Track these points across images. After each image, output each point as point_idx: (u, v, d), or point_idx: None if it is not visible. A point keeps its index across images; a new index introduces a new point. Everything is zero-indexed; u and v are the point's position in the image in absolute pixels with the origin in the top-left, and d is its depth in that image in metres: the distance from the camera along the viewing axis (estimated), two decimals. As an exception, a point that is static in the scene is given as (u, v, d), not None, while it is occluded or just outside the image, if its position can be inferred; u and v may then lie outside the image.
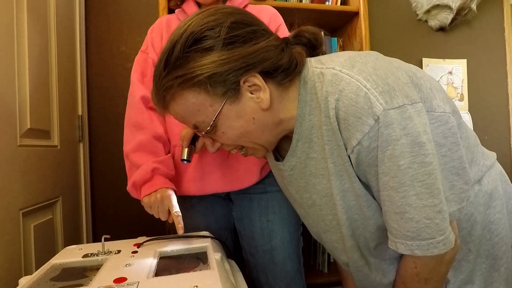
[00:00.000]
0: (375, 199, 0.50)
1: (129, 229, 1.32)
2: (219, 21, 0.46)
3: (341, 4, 1.36)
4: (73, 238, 1.15)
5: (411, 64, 0.54)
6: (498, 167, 0.60)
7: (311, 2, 1.34)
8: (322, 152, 0.50)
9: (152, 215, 0.73)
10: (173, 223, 0.69)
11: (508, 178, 0.61)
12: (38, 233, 0.91)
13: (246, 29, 0.47)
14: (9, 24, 0.81)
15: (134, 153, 0.72)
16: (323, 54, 0.56)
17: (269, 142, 0.54)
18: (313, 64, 0.51)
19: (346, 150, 0.47)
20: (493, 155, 0.61)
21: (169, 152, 0.79)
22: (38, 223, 0.92)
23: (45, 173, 0.97)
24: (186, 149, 0.67)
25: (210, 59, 0.45)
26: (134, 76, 0.78)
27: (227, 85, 0.46)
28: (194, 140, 0.68)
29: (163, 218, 0.69)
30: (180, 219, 0.65)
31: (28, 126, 0.88)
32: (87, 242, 1.23)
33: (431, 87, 0.49)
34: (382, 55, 0.52)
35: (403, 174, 0.43)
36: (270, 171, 0.79)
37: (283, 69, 0.48)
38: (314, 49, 0.55)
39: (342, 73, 0.45)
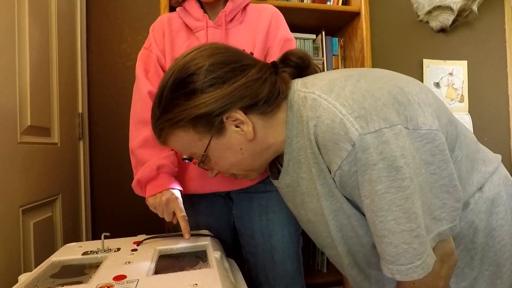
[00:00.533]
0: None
1: (129, 227, 1.32)
2: (198, 65, 0.50)
3: (342, 4, 1.35)
4: (73, 236, 1.15)
5: (402, 76, 0.53)
6: (503, 171, 0.58)
7: (312, 2, 1.34)
8: (310, 173, 0.52)
9: (153, 214, 0.73)
10: (173, 223, 0.70)
11: None
12: (38, 230, 0.91)
13: (224, 69, 0.50)
14: (10, 21, 0.81)
15: (139, 149, 0.73)
16: (315, 72, 0.58)
17: (260, 166, 0.57)
18: (299, 87, 0.52)
19: (330, 173, 0.48)
20: (497, 159, 0.59)
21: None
22: (38, 220, 0.92)
23: (45, 171, 0.97)
24: None
25: (193, 103, 0.49)
26: (139, 71, 0.78)
27: (211, 123, 0.50)
28: None
29: (167, 220, 0.69)
30: (187, 223, 0.66)
31: (28, 123, 0.88)
32: (87, 240, 1.23)
33: (419, 101, 0.48)
34: (368, 71, 0.51)
35: (380, 199, 0.43)
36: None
37: (264, 101, 0.51)
38: (303, 70, 0.58)
39: (321, 98, 0.47)
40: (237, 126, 0.51)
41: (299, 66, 0.57)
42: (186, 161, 0.66)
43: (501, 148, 1.80)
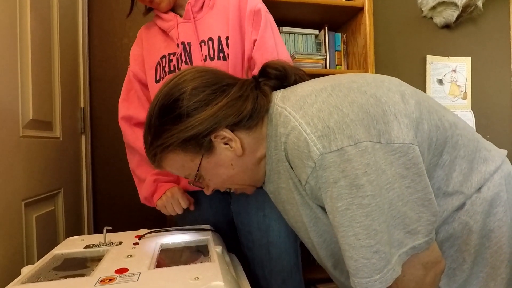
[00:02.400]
0: None
1: (131, 221, 1.33)
2: (181, 91, 0.52)
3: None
4: (75, 229, 1.16)
5: (385, 83, 0.52)
6: (506, 169, 0.56)
7: (316, -3, 1.32)
8: (288, 184, 0.54)
9: (155, 208, 0.75)
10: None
11: None
12: (40, 224, 0.91)
13: (206, 91, 0.52)
14: (12, 16, 0.81)
15: (137, 169, 0.81)
16: (296, 81, 0.58)
17: (254, 180, 0.59)
18: (277, 102, 0.54)
19: (302, 186, 0.50)
20: (501, 155, 0.58)
21: None
22: (40, 214, 0.93)
23: (47, 165, 0.98)
24: None
25: (180, 127, 0.51)
26: (120, 96, 0.85)
27: (200, 144, 0.52)
28: None
29: (179, 212, 0.75)
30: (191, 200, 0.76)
31: (31, 117, 0.88)
32: (88, 234, 1.24)
33: (395, 112, 0.48)
34: (346, 82, 0.51)
35: (341, 215, 0.45)
36: None
37: (248, 117, 0.52)
38: (284, 80, 0.58)
39: (291, 116, 0.49)
40: (225, 144, 0.53)
41: (278, 77, 0.58)
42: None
43: (503, 146, 1.77)
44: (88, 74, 1.29)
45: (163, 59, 0.79)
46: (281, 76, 0.58)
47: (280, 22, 1.35)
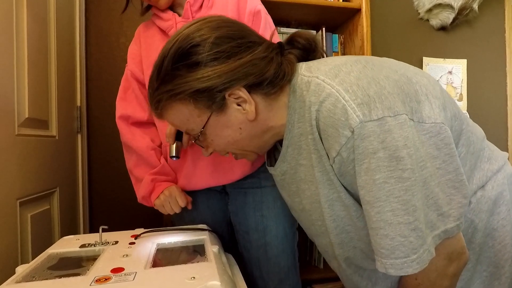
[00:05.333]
0: None
1: (127, 220, 1.33)
2: (204, 36, 0.48)
3: (343, 0, 1.35)
4: (70, 229, 1.15)
5: (410, 67, 0.52)
6: (508, 170, 0.57)
7: (314, -2, 1.33)
8: (310, 160, 0.51)
9: (151, 208, 0.74)
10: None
11: None
12: (35, 223, 0.91)
13: (230, 43, 0.48)
14: (8, 15, 0.81)
15: (135, 169, 0.81)
16: (321, 57, 0.56)
17: (258, 147, 0.56)
18: (303, 72, 0.51)
19: (329, 160, 0.47)
20: (503, 156, 0.58)
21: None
22: (35, 213, 0.92)
23: (43, 163, 0.97)
24: (174, 146, 0.70)
25: (194, 76, 0.47)
26: (118, 95, 0.84)
27: (212, 99, 0.48)
28: (180, 136, 0.69)
29: (177, 211, 0.75)
30: (189, 198, 0.77)
31: (26, 116, 0.88)
32: (84, 233, 1.23)
33: (427, 93, 0.47)
34: (376, 59, 0.50)
35: (378, 188, 0.42)
36: (264, 165, 0.79)
37: (269, 81, 0.49)
38: (310, 53, 0.56)
39: (325, 83, 0.46)
40: (238, 105, 0.49)
41: (305, 48, 0.55)
42: (174, 158, 0.70)
43: (499, 147, 1.81)
44: (85, 73, 1.29)
45: None
46: (309, 48, 0.55)
47: (278, 22, 1.35)
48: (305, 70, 0.51)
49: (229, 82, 0.47)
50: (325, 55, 0.58)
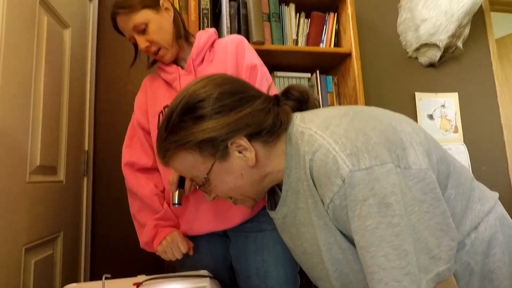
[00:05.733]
0: None
1: (128, 266, 1.31)
2: (208, 92, 0.53)
3: (334, 46, 1.44)
4: (71, 274, 1.14)
5: (396, 115, 0.55)
6: (499, 210, 0.58)
7: (306, 45, 1.43)
8: (307, 204, 0.54)
9: (153, 253, 0.76)
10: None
11: (511, 221, 0.58)
12: (38, 269, 0.91)
13: (232, 98, 0.54)
14: (28, 69, 0.88)
15: (138, 214, 0.83)
16: (314, 107, 0.62)
17: (257, 193, 0.59)
18: (297, 122, 0.56)
19: (324, 205, 0.50)
20: (493, 196, 0.59)
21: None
22: (39, 258, 0.92)
23: (50, 209, 0.99)
24: (176, 193, 0.73)
25: (200, 127, 0.52)
26: (124, 142, 0.89)
27: (216, 148, 0.53)
28: (182, 183, 0.73)
29: (178, 257, 0.76)
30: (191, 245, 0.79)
31: (38, 164, 0.92)
32: (85, 279, 1.22)
33: (411, 140, 0.49)
34: (364, 110, 0.54)
35: (370, 234, 0.44)
36: (264, 209, 0.81)
37: (267, 131, 0.54)
38: (303, 104, 0.61)
39: (317, 135, 0.50)
40: (240, 152, 0.53)
41: (299, 100, 0.60)
42: (176, 205, 0.73)
43: (500, 177, 1.81)
44: (94, 117, 1.35)
45: (166, 109, 0.85)
46: (302, 100, 0.61)
47: (275, 67, 1.44)
48: (300, 121, 0.55)
49: (231, 132, 0.52)
50: (318, 104, 0.64)
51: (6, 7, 0.77)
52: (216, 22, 1.33)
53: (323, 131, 0.50)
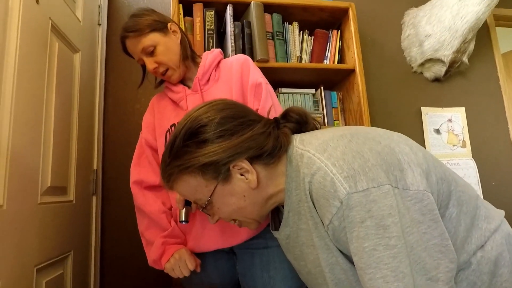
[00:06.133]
0: None
1: (137, 283, 1.32)
2: (210, 117, 0.55)
3: (338, 62, 1.46)
4: (81, 292, 1.15)
5: (394, 135, 0.55)
6: (505, 229, 0.58)
7: (310, 62, 1.45)
8: (308, 225, 0.55)
9: (161, 271, 0.77)
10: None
11: None
12: (49, 289, 0.92)
13: (233, 122, 0.56)
14: (40, 93, 0.91)
15: (146, 231, 0.84)
16: (313, 128, 0.63)
17: (260, 215, 0.60)
18: (297, 144, 0.57)
19: (324, 226, 0.51)
20: (499, 215, 0.59)
21: None
22: (50, 278, 0.93)
23: (60, 229, 1.00)
24: (183, 211, 0.75)
25: (203, 151, 0.54)
26: (132, 161, 0.91)
27: (218, 171, 0.54)
28: (189, 201, 0.74)
29: (186, 274, 0.77)
30: (198, 261, 0.80)
31: (49, 184, 0.94)
32: (94, 296, 1.22)
33: (409, 161, 0.50)
34: (362, 131, 0.55)
35: (368, 256, 0.45)
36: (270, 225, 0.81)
37: (268, 153, 0.55)
38: (302, 125, 0.63)
39: (315, 157, 0.51)
40: (241, 175, 0.55)
41: (298, 122, 0.62)
42: (183, 223, 0.74)
43: (509, 192, 1.77)
44: (102, 137, 1.39)
45: (173, 127, 0.87)
46: (301, 121, 0.62)
47: (280, 84, 1.47)
48: (299, 143, 0.57)
49: (233, 155, 0.53)
50: (317, 125, 0.65)
51: (20, 35, 0.81)
52: (221, 41, 1.37)
53: (321, 154, 0.51)
